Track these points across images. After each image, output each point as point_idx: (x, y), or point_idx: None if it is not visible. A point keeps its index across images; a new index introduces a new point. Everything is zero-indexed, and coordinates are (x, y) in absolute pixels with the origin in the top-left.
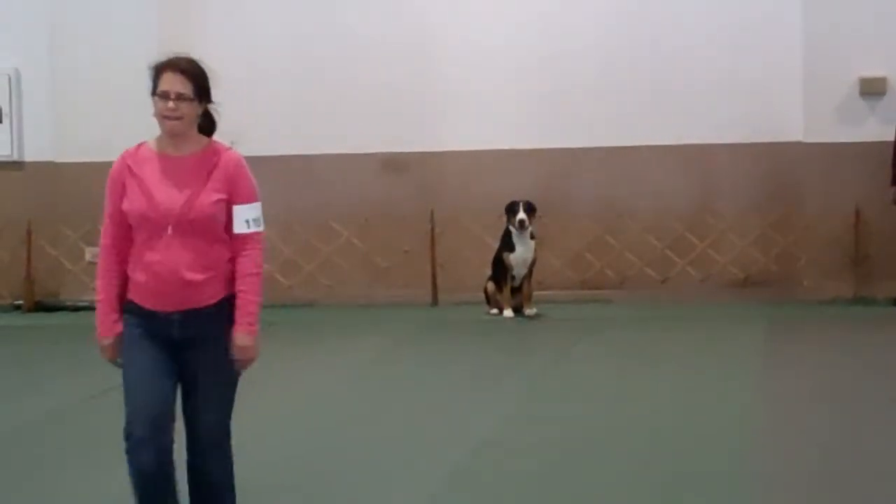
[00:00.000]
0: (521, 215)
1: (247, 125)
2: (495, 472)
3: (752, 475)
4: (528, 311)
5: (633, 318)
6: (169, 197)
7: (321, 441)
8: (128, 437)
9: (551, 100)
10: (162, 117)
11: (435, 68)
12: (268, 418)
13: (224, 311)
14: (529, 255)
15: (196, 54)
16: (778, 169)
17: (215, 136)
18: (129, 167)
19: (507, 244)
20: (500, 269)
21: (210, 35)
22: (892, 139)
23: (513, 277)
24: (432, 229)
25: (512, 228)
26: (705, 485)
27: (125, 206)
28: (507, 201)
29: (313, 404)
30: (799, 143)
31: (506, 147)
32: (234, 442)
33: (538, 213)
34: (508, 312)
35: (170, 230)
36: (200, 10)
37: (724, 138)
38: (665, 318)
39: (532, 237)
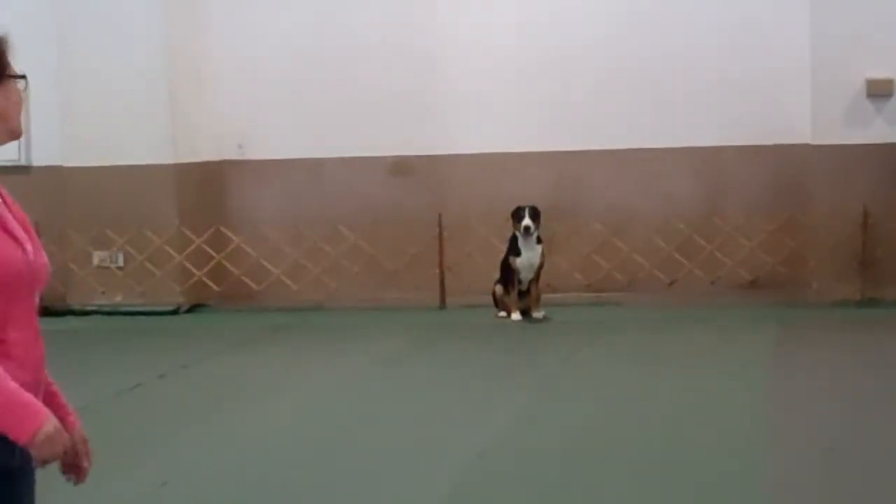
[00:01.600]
0: (527, 221)
1: (254, 129)
2: (503, 475)
3: (762, 477)
4: (536, 314)
5: (641, 321)
6: (32, 244)
7: (327, 443)
8: None
9: (559, 103)
10: (15, 112)
11: (443, 71)
12: (274, 420)
13: None
14: (536, 260)
15: (203, 58)
16: (785, 171)
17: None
18: None
19: (513, 249)
20: (507, 273)
21: (217, 40)
22: None
23: (520, 281)
24: (440, 232)
25: (517, 234)
26: (715, 487)
27: None
28: (515, 204)
29: (320, 406)
30: (806, 146)
31: (514, 150)
32: (242, 445)
33: (544, 218)
34: (516, 315)
35: (36, 296)
36: (207, 15)
37: (731, 140)
38: (673, 320)
39: (539, 241)
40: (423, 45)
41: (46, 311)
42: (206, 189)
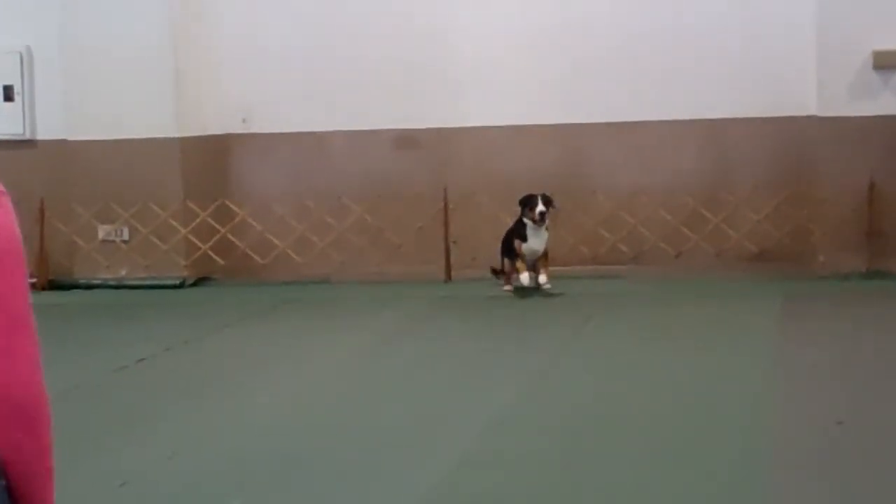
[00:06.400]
0: (541, 207)
1: (258, 103)
2: (510, 447)
3: (770, 449)
4: (543, 279)
5: (647, 293)
6: None
7: (333, 415)
8: None
9: (565, 76)
10: None
11: (449, 45)
12: (281, 393)
13: None
14: (541, 247)
15: (207, 31)
16: (791, 143)
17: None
18: None
19: (520, 233)
20: (511, 253)
21: (223, 14)
22: None
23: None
24: (445, 206)
25: (527, 221)
26: (721, 459)
27: None
28: (521, 178)
29: (326, 379)
30: (812, 118)
31: (519, 123)
32: (248, 417)
33: (549, 190)
34: (525, 276)
35: None
36: None
37: (737, 113)
38: (679, 292)
39: (546, 228)
40: (429, 18)
41: (52, 285)
42: (212, 163)
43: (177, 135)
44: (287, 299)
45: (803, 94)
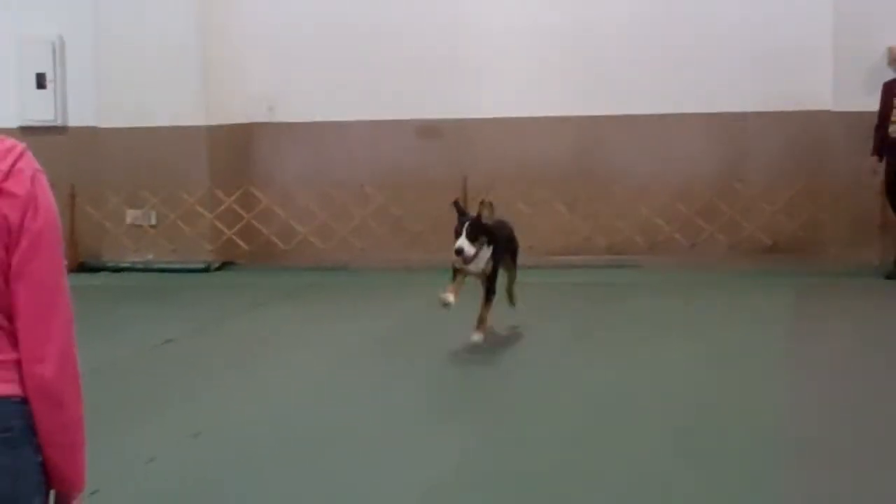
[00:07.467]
0: (463, 244)
1: (283, 93)
2: (526, 432)
3: (784, 435)
4: (476, 335)
5: (661, 284)
6: None
7: (352, 396)
8: None
9: (583, 68)
10: None
11: (468, 36)
12: (302, 373)
13: None
14: (479, 268)
15: (234, 23)
16: (806, 137)
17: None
18: None
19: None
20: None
21: (248, 6)
22: None
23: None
24: (465, 195)
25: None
26: (735, 449)
27: None
28: (539, 168)
29: (345, 361)
30: (827, 112)
31: (538, 115)
32: (270, 397)
33: (567, 181)
34: (447, 296)
35: None
36: None
37: (752, 106)
38: (693, 283)
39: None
40: (451, 11)
41: (82, 267)
42: (237, 150)
43: (203, 123)
44: (309, 284)
45: (819, 89)
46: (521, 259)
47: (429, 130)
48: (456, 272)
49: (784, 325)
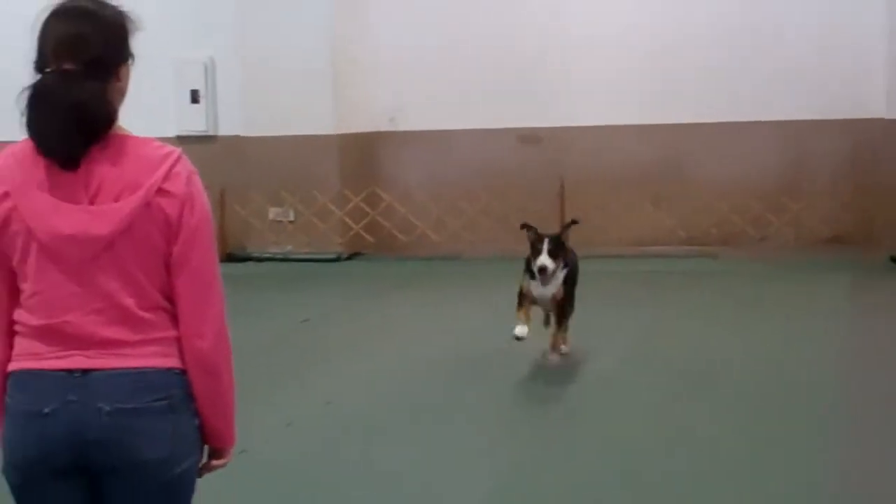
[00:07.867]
0: (545, 260)
1: (402, 105)
2: (610, 405)
3: (840, 418)
4: (554, 356)
5: (735, 272)
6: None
7: (464, 370)
8: None
9: (662, 80)
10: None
11: (565, 51)
12: (421, 350)
13: None
14: (549, 293)
15: (362, 46)
16: (863, 142)
17: None
18: None
19: (528, 267)
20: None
21: (375, 30)
22: None
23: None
24: (562, 195)
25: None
26: (797, 429)
27: None
28: (628, 170)
29: (461, 339)
30: (881, 120)
31: (627, 123)
32: (392, 371)
33: (652, 182)
34: (520, 329)
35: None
36: (366, 7)
37: (814, 115)
38: (762, 272)
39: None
40: (547, 29)
41: (230, 258)
42: (363, 156)
43: (334, 132)
44: (425, 272)
45: (873, 98)
46: (611, 250)
47: (529, 137)
48: (522, 298)
49: (845, 309)
